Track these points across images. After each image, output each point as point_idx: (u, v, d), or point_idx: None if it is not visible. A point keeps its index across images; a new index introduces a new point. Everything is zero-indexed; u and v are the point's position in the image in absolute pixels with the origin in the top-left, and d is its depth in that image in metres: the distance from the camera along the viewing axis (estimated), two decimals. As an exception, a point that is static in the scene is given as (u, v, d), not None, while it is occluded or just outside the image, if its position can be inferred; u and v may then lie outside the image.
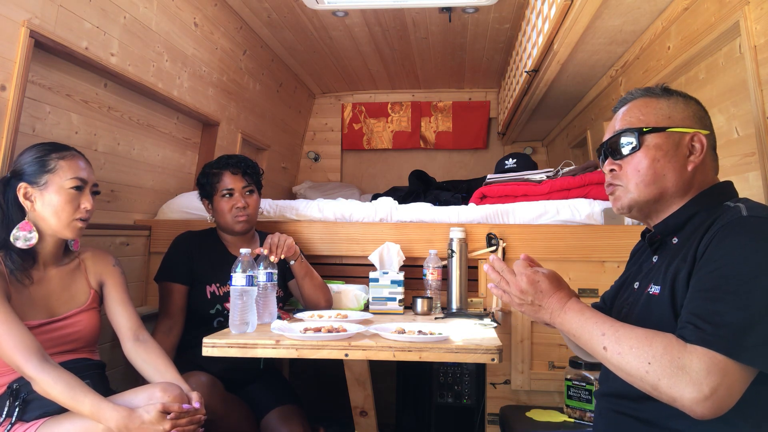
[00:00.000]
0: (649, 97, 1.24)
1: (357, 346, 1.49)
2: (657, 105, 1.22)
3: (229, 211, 2.11)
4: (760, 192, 1.52)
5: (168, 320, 2.05)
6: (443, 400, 2.34)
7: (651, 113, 1.21)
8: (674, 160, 1.18)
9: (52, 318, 1.59)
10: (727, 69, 1.69)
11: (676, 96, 1.23)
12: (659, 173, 1.18)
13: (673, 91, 1.24)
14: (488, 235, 2.26)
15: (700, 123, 1.21)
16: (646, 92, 1.25)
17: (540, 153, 4.55)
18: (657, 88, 1.25)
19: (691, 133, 1.18)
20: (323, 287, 2.14)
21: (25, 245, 1.55)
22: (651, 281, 1.18)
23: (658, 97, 1.23)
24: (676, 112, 1.20)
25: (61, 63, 1.92)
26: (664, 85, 1.26)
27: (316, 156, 4.75)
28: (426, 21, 3.13)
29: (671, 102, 1.22)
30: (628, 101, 1.26)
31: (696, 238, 1.10)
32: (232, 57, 3.07)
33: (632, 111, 1.24)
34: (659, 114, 1.21)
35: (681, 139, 1.18)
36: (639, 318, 1.17)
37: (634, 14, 2.11)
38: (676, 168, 1.18)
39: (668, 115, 1.20)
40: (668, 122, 1.20)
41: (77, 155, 1.63)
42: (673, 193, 1.19)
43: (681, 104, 1.21)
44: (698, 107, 1.23)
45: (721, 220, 1.07)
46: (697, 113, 1.22)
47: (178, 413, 1.43)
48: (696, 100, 1.24)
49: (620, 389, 1.18)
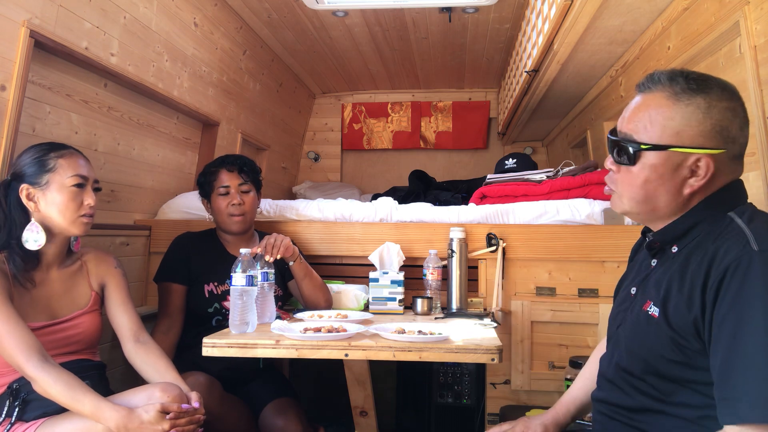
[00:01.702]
0: (667, 95, 1.08)
1: (357, 346, 1.49)
2: (670, 113, 1.07)
3: (225, 208, 2.11)
4: (760, 192, 1.52)
5: (167, 320, 2.06)
6: (443, 400, 2.34)
7: (659, 123, 1.08)
8: (669, 183, 1.08)
9: (53, 320, 1.59)
10: (727, 69, 1.69)
11: (701, 98, 1.06)
12: (650, 195, 1.11)
13: (701, 88, 1.07)
14: (488, 235, 2.26)
15: (717, 138, 1.05)
16: (669, 82, 1.09)
17: (540, 153, 4.55)
18: (684, 80, 1.08)
19: (697, 155, 1.05)
20: (323, 288, 2.14)
21: (36, 246, 1.55)
22: (648, 296, 1.14)
23: (677, 99, 1.07)
24: (689, 127, 1.06)
25: (61, 63, 1.92)
26: (697, 76, 1.08)
27: (316, 156, 4.75)
28: (426, 21, 3.13)
29: (689, 110, 1.06)
30: (648, 90, 1.12)
31: (698, 261, 1.04)
32: (232, 57, 3.07)
33: (643, 111, 1.11)
34: (667, 127, 1.07)
35: (684, 160, 1.06)
36: (635, 337, 1.14)
37: (634, 14, 2.11)
38: (670, 191, 1.09)
39: (677, 130, 1.06)
40: (674, 139, 1.06)
41: (75, 153, 1.63)
42: (666, 213, 1.13)
43: (700, 115, 1.06)
44: (723, 115, 1.06)
45: (728, 252, 0.99)
46: (717, 125, 1.05)
47: (178, 413, 1.43)
48: (730, 96, 1.07)
49: (617, 399, 1.17)
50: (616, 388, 1.18)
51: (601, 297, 2.19)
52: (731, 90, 1.09)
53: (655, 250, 1.19)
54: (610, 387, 1.20)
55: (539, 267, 2.25)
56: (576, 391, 1.44)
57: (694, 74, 1.09)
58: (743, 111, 1.09)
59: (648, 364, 1.11)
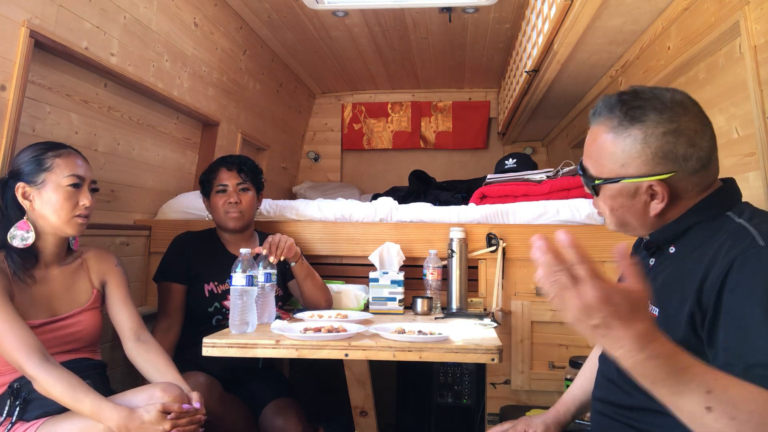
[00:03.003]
0: (607, 128, 1.11)
1: (357, 346, 1.49)
2: (612, 147, 1.10)
3: (222, 206, 2.12)
4: (760, 192, 1.52)
5: (167, 319, 2.06)
6: (443, 400, 2.34)
7: (605, 158, 1.11)
8: (633, 209, 1.12)
9: (54, 317, 1.59)
10: (727, 69, 1.69)
11: (637, 129, 1.07)
12: (621, 219, 1.16)
13: (637, 117, 1.07)
14: (488, 235, 2.26)
15: (663, 164, 1.06)
16: (608, 113, 1.11)
17: (540, 153, 4.55)
18: (620, 111, 1.09)
19: (649, 182, 1.08)
20: (324, 288, 2.14)
21: (22, 244, 1.55)
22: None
23: (616, 133, 1.09)
24: (631, 158, 1.08)
25: (61, 63, 1.92)
26: (633, 104, 1.09)
27: (316, 156, 4.75)
28: (426, 21, 3.13)
29: (627, 143, 1.08)
30: (595, 120, 1.15)
31: (698, 259, 1.04)
32: (232, 57, 3.07)
33: (591, 146, 1.15)
34: (612, 161, 1.10)
35: (638, 188, 1.09)
36: None
37: (634, 14, 2.11)
38: (637, 215, 1.13)
39: (622, 163, 1.09)
40: (621, 171, 1.09)
41: (74, 153, 1.63)
42: (646, 230, 1.16)
43: (638, 146, 1.07)
44: (662, 141, 1.05)
45: (733, 247, 0.98)
46: (659, 152, 1.05)
47: (178, 413, 1.43)
48: (670, 118, 1.06)
49: (617, 398, 1.17)
50: (616, 387, 1.18)
51: (601, 297, 2.19)
52: (673, 105, 1.07)
53: (652, 249, 1.20)
54: (609, 386, 1.20)
55: (539, 267, 2.25)
56: (576, 390, 1.46)
57: (631, 102, 1.09)
58: (693, 123, 1.07)
59: None
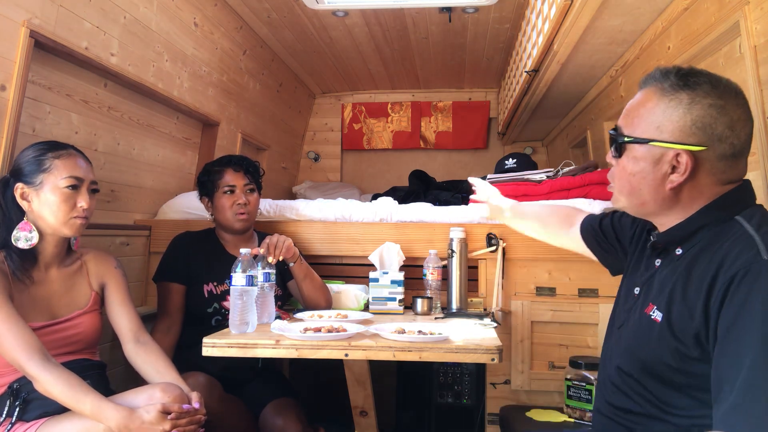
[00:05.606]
0: (655, 90, 1.10)
1: (357, 346, 1.49)
2: (655, 106, 1.09)
3: (230, 207, 2.11)
4: (760, 192, 1.51)
5: (166, 320, 2.06)
6: (443, 400, 2.34)
7: (644, 117, 1.10)
8: (650, 177, 1.10)
9: (53, 320, 1.59)
10: (727, 69, 1.69)
11: (685, 93, 1.06)
12: (635, 188, 1.13)
13: (689, 84, 1.06)
14: (488, 235, 2.26)
15: (698, 135, 1.05)
16: (661, 78, 1.10)
17: (540, 153, 4.55)
18: (675, 76, 1.08)
19: (676, 150, 1.06)
20: (323, 288, 2.14)
21: (27, 245, 1.55)
22: (650, 299, 1.13)
23: (663, 95, 1.08)
24: (669, 122, 1.06)
25: (61, 63, 1.92)
26: (689, 72, 1.08)
27: (316, 156, 4.75)
28: (426, 21, 3.13)
29: (671, 105, 1.07)
30: (645, 85, 1.13)
31: (704, 267, 1.03)
32: (232, 57, 3.07)
33: (633, 106, 1.13)
34: (650, 121, 1.09)
35: (663, 155, 1.07)
36: (636, 339, 1.14)
37: (634, 14, 2.11)
38: (652, 185, 1.10)
39: (658, 125, 1.08)
40: (654, 133, 1.08)
41: (74, 154, 1.62)
42: (654, 209, 1.13)
43: (681, 110, 1.06)
44: (706, 112, 1.04)
45: (737, 260, 0.97)
46: (698, 121, 1.04)
47: (179, 413, 1.43)
48: (721, 94, 1.05)
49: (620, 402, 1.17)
50: (618, 391, 1.18)
51: (601, 297, 2.19)
52: (726, 88, 1.07)
53: (659, 250, 1.18)
54: (613, 390, 1.20)
55: (539, 267, 2.25)
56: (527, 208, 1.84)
57: (687, 70, 1.09)
58: (739, 110, 1.07)
59: (646, 366, 1.11)
